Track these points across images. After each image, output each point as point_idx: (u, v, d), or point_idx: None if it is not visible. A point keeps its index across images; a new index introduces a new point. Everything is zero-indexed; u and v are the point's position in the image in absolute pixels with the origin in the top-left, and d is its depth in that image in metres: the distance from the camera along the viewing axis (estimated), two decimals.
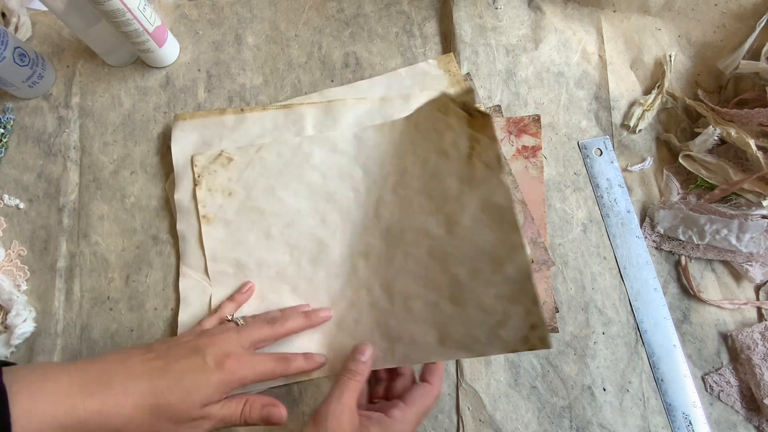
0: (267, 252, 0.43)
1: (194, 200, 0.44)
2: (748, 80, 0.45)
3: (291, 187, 0.44)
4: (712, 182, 0.43)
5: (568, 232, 0.44)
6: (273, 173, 0.44)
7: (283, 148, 0.45)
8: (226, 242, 0.43)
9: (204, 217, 0.43)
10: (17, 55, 0.45)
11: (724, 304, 0.41)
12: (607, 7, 0.49)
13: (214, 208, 0.44)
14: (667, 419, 0.39)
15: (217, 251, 0.43)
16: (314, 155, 0.44)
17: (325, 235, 0.42)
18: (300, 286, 0.42)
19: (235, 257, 0.43)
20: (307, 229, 0.43)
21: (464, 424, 0.40)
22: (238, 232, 0.43)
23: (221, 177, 0.44)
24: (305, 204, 0.43)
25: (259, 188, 0.44)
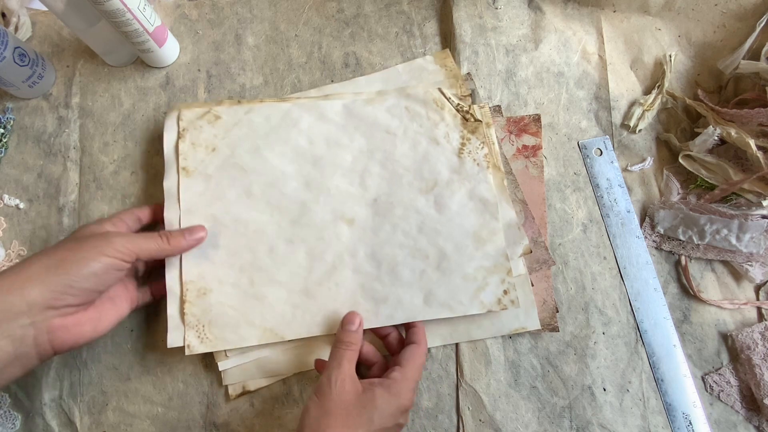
0: (246, 210, 0.42)
1: (176, 152, 0.43)
2: (748, 80, 0.45)
3: (277, 148, 0.44)
4: (712, 182, 0.43)
5: (568, 232, 0.44)
6: (260, 134, 0.44)
7: (273, 111, 0.45)
8: (204, 196, 0.42)
9: (184, 170, 0.43)
10: (17, 55, 0.45)
11: (724, 304, 0.41)
12: (607, 7, 0.49)
13: (195, 162, 0.43)
14: (667, 419, 0.39)
15: (194, 204, 0.42)
16: (303, 121, 0.44)
17: (308, 198, 0.43)
18: (278, 246, 0.42)
19: (212, 212, 0.42)
20: (290, 191, 0.43)
21: (464, 424, 0.40)
22: (218, 188, 0.42)
23: (206, 133, 0.44)
24: (290, 166, 0.43)
25: (244, 147, 0.44)
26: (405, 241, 0.41)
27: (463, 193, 0.42)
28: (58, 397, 0.41)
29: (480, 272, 0.40)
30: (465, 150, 0.43)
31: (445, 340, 0.41)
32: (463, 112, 0.44)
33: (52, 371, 0.42)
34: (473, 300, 0.40)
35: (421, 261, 0.41)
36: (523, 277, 0.41)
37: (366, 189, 0.43)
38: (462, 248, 0.41)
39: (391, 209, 0.42)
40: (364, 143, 0.44)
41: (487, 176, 0.42)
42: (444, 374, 0.41)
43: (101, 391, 0.42)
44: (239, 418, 0.41)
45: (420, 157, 0.43)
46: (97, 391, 0.42)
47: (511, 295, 0.39)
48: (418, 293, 0.40)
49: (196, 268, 0.40)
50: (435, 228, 0.41)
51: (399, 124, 0.44)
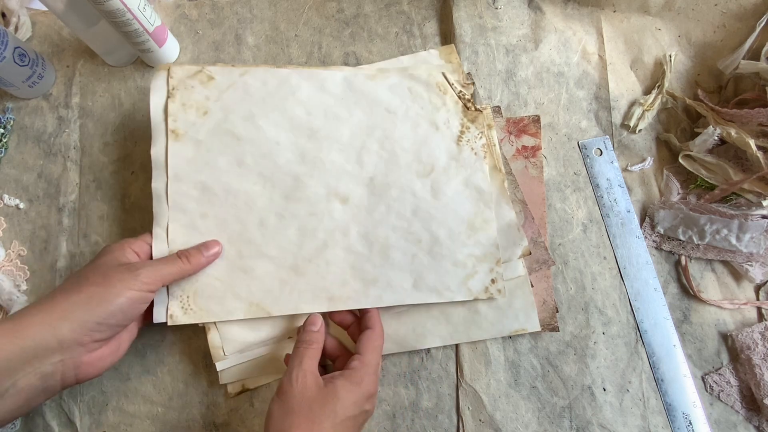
0: (237, 179, 0.41)
1: (165, 114, 0.41)
2: (748, 80, 0.45)
3: (272, 117, 0.42)
4: (712, 182, 0.43)
5: (568, 232, 0.44)
6: (255, 100, 0.42)
7: (270, 76, 0.43)
8: (194, 162, 0.40)
9: (173, 132, 0.40)
10: (17, 55, 0.45)
11: (724, 304, 0.41)
12: (607, 7, 0.49)
13: (185, 124, 0.41)
14: (667, 419, 0.39)
15: (182, 170, 0.40)
16: (301, 89, 0.43)
17: (302, 171, 0.41)
18: (268, 219, 0.40)
19: (201, 180, 0.40)
20: (284, 162, 0.41)
21: (464, 424, 0.40)
22: (208, 154, 0.41)
23: (198, 94, 0.41)
24: (285, 137, 0.42)
25: (238, 112, 0.42)
26: (399, 224, 0.41)
27: (459, 181, 0.42)
28: (58, 397, 0.41)
29: (470, 259, 0.40)
30: (464, 138, 0.43)
31: (444, 341, 0.41)
32: (465, 100, 0.44)
33: None
34: (461, 286, 0.40)
35: (414, 245, 0.40)
36: (522, 279, 0.41)
37: (362, 167, 0.42)
38: (455, 235, 0.41)
39: (387, 190, 0.41)
40: (364, 119, 0.43)
41: (483, 166, 0.42)
42: (444, 374, 0.41)
43: (101, 391, 0.42)
44: (239, 418, 0.41)
45: (419, 140, 0.43)
46: (97, 391, 0.42)
47: (498, 285, 0.40)
48: (408, 277, 0.40)
49: (182, 237, 0.39)
50: (429, 213, 0.41)
51: (400, 104, 0.43)
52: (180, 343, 0.42)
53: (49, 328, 0.31)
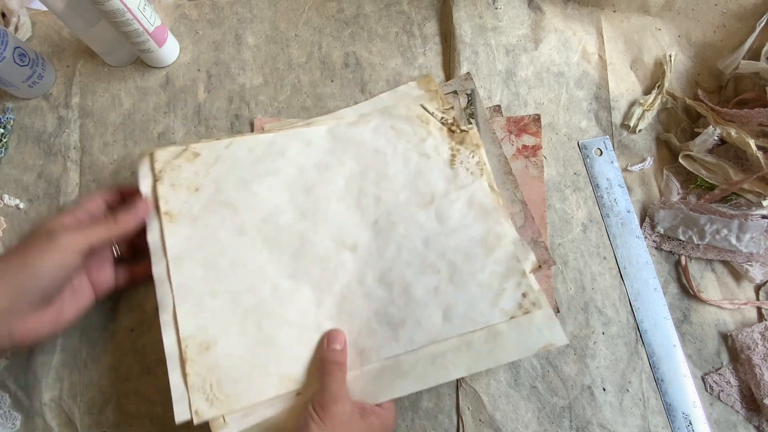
0: (241, 249, 0.39)
1: (155, 198, 0.39)
2: (748, 80, 0.45)
3: (266, 180, 0.41)
4: (712, 182, 0.43)
5: (568, 232, 0.44)
6: (245, 167, 0.41)
7: (255, 143, 0.42)
8: (193, 240, 0.39)
9: (166, 214, 0.39)
10: (17, 55, 0.45)
11: (724, 304, 0.41)
12: (607, 7, 0.49)
13: (177, 204, 0.39)
14: (667, 419, 0.39)
15: (182, 250, 0.38)
16: (289, 149, 0.43)
17: (306, 228, 0.41)
18: (282, 285, 0.39)
19: (204, 257, 0.38)
20: (286, 223, 0.40)
21: (464, 424, 0.40)
22: (207, 229, 0.39)
23: (186, 172, 0.40)
24: (282, 197, 0.41)
25: (230, 182, 0.41)
26: (413, 259, 0.40)
27: (462, 203, 0.41)
28: (58, 397, 0.41)
29: (494, 279, 0.38)
30: (456, 160, 0.43)
31: (469, 369, 0.37)
32: (448, 124, 0.44)
33: (52, 371, 0.42)
34: (493, 308, 0.37)
35: (433, 276, 0.39)
36: (537, 293, 0.39)
37: (364, 211, 0.41)
38: (471, 257, 0.39)
39: (393, 228, 0.41)
40: (355, 165, 0.43)
41: (482, 182, 0.42)
42: None
43: (101, 391, 0.42)
44: None
45: (413, 173, 0.42)
46: (97, 391, 0.42)
47: (530, 297, 0.38)
48: (436, 311, 0.38)
49: (193, 320, 0.37)
50: (440, 240, 0.40)
51: (387, 143, 0.43)
52: None
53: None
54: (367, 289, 0.39)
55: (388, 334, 0.38)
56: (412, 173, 0.43)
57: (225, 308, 0.38)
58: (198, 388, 0.35)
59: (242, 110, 0.48)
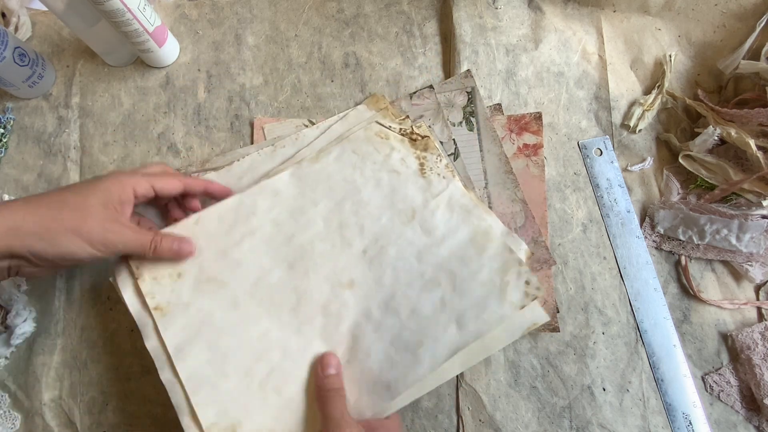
0: (240, 322, 0.38)
1: (140, 297, 0.38)
2: (748, 80, 0.45)
3: (244, 244, 0.40)
4: (712, 182, 0.43)
5: (568, 232, 0.44)
6: (220, 237, 0.40)
7: (223, 210, 0.41)
8: (190, 328, 0.37)
9: (156, 309, 0.38)
10: (17, 55, 0.45)
11: (724, 304, 0.41)
12: (607, 7, 0.49)
13: (164, 296, 0.38)
14: (667, 419, 0.39)
15: (181, 341, 0.37)
16: (258, 206, 0.41)
17: (298, 279, 0.39)
18: (290, 343, 0.38)
19: (206, 340, 0.37)
20: (277, 280, 0.39)
21: (464, 424, 0.40)
22: (200, 313, 0.38)
23: (162, 261, 0.39)
24: (266, 257, 0.40)
25: (210, 258, 0.39)
26: (412, 279, 0.39)
27: (443, 209, 0.41)
28: (58, 397, 0.41)
29: (494, 275, 0.38)
30: (426, 168, 0.42)
31: (464, 365, 0.37)
32: (408, 134, 0.44)
33: (52, 371, 0.42)
34: (503, 303, 0.37)
35: (436, 289, 0.38)
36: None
37: (351, 244, 0.40)
38: (466, 260, 0.39)
39: (384, 253, 0.40)
40: (329, 201, 0.42)
41: (456, 183, 0.42)
42: None
43: (101, 391, 0.42)
44: None
45: (388, 192, 0.42)
46: (97, 391, 0.42)
47: (533, 283, 0.37)
48: (449, 323, 0.37)
49: (212, 408, 0.35)
50: (433, 252, 0.40)
51: (353, 170, 0.43)
52: None
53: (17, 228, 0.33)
54: (375, 323, 0.38)
55: (409, 360, 0.36)
56: (387, 192, 0.42)
57: (240, 386, 0.36)
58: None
59: (242, 110, 0.48)
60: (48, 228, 0.33)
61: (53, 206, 0.34)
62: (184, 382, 0.36)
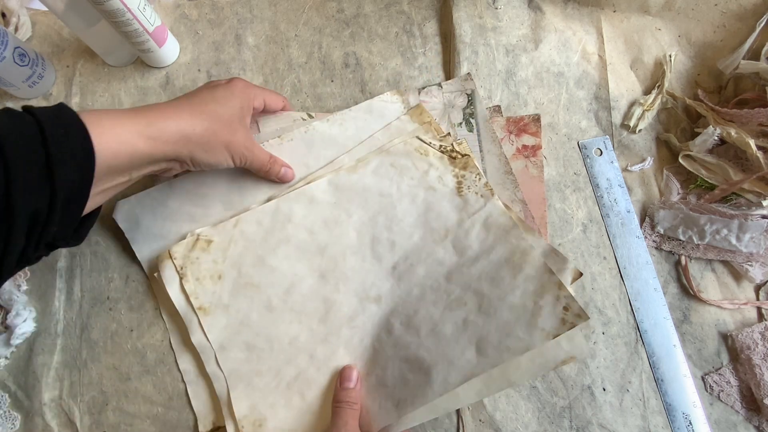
0: (273, 325, 0.40)
1: (186, 297, 0.41)
2: (748, 80, 0.45)
3: (280, 251, 0.42)
4: (712, 182, 0.43)
5: (568, 232, 0.44)
6: (257, 243, 0.42)
7: (261, 215, 0.42)
8: (229, 328, 0.40)
9: (200, 309, 0.41)
10: (17, 55, 0.45)
11: (724, 304, 0.41)
12: (607, 7, 0.49)
13: (207, 297, 0.41)
14: (667, 419, 0.39)
15: (224, 340, 0.40)
16: (294, 213, 0.42)
17: (328, 290, 0.41)
18: (317, 351, 0.40)
19: (243, 340, 0.40)
20: (309, 289, 0.41)
21: (464, 424, 0.40)
22: (239, 314, 0.41)
23: (205, 262, 0.41)
24: (299, 264, 0.41)
25: (247, 263, 0.41)
26: (437, 297, 0.38)
27: (478, 228, 0.40)
28: (58, 397, 0.41)
29: (527, 298, 0.35)
30: (463, 186, 0.42)
31: (480, 394, 0.36)
32: (448, 152, 0.43)
33: (52, 371, 0.42)
34: (532, 330, 0.34)
35: (460, 310, 0.37)
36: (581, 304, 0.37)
37: (381, 260, 0.41)
38: (498, 281, 0.37)
39: (413, 271, 0.40)
40: (363, 213, 0.42)
41: (496, 202, 0.40)
42: None
43: (101, 391, 0.42)
44: None
45: (422, 209, 0.42)
46: (97, 391, 0.42)
47: (574, 309, 0.34)
48: (468, 346, 0.36)
49: (245, 401, 0.39)
50: (463, 272, 0.39)
51: (390, 183, 0.43)
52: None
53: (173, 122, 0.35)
54: (395, 338, 0.38)
55: (421, 380, 0.36)
56: (422, 210, 0.42)
57: (270, 385, 0.39)
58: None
59: None
60: (209, 140, 0.36)
61: (211, 119, 0.36)
62: (227, 377, 0.39)
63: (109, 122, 0.31)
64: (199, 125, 0.35)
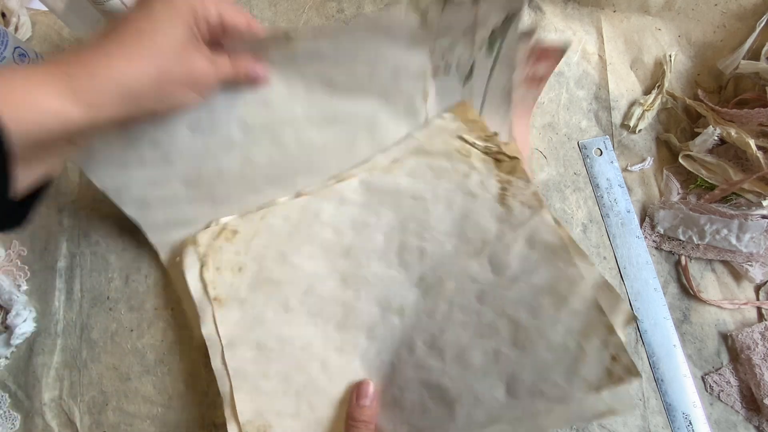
0: (287, 327, 0.37)
1: (203, 285, 0.39)
2: (748, 80, 0.45)
3: (303, 249, 0.39)
4: (712, 182, 0.43)
5: None
6: (282, 238, 0.39)
7: (289, 210, 0.40)
8: (242, 323, 0.38)
9: (216, 300, 0.38)
10: (17, 55, 0.44)
11: (724, 304, 0.41)
12: (607, 7, 0.49)
13: (225, 288, 0.38)
14: (667, 419, 0.39)
15: (235, 336, 0.37)
16: (323, 211, 0.40)
17: (349, 296, 0.38)
18: (330, 359, 0.37)
19: (254, 338, 0.37)
20: (329, 293, 0.38)
21: None
22: (254, 310, 0.38)
23: (228, 252, 0.39)
24: (322, 265, 0.39)
25: (269, 257, 0.39)
26: (467, 319, 0.34)
27: (521, 245, 0.35)
28: (58, 397, 0.41)
29: (570, 338, 0.31)
30: (508, 194, 0.37)
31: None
32: (493, 153, 0.39)
33: (52, 371, 0.42)
34: (572, 377, 0.30)
35: (492, 339, 0.33)
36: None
37: (408, 269, 0.37)
38: (538, 311, 0.33)
39: (442, 284, 0.36)
40: (393, 217, 0.39)
41: (545, 216, 0.35)
42: None
43: (101, 391, 0.42)
44: None
45: (458, 217, 0.37)
46: (97, 391, 0.42)
47: (624, 360, 0.30)
48: (498, 382, 0.32)
49: (250, 404, 0.36)
50: (498, 294, 0.34)
51: (425, 187, 0.39)
52: (180, 343, 0.42)
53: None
54: (417, 359, 0.35)
55: (442, 413, 0.33)
56: (458, 217, 0.37)
57: (277, 390, 0.36)
58: None
59: None
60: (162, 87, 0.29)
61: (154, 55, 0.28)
62: (231, 376, 0.36)
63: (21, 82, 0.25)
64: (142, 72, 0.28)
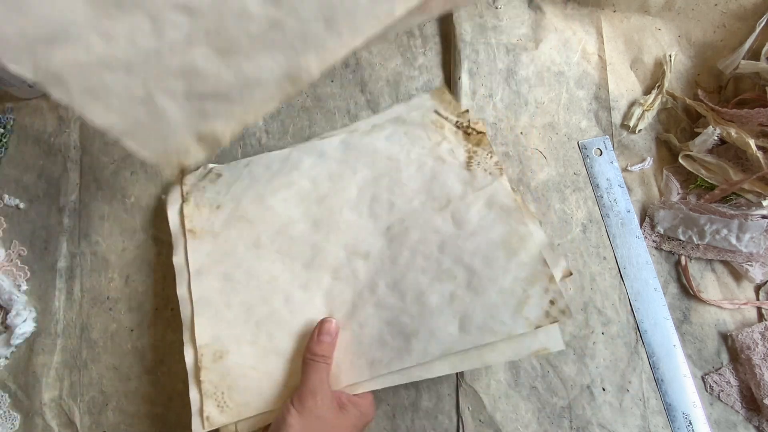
0: (256, 261, 0.40)
1: (181, 217, 0.42)
2: (748, 80, 0.45)
3: (280, 194, 0.42)
4: (712, 182, 0.43)
5: (567, 233, 0.44)
6: (262, 183, 0.43)
7: (272, 159, 0.44)
8: (213, 255, 0.40)
9: (190, 232, 0.41)
10: None
11: (724, 304, 0.41)
12: (607, 7, 0.49)
13: (200, 222, 0.42)
14: (667, 419, 0.39)
15: (203, 265, 0.40)
16: (303, 162, 0.43)
17: (318, 238, 0.41)
18: (293, 294, 0.39)
19: (222, 270, 0.40)
20: (299, 234, 0.41)
21: (464, 424, 0.40)
22: (226, 244, 0.41)
23: (209, 192, 0.43)
24: (296, 210, 0.42)
25: (247, 198, 0.42)
26: (427, 265, 0.38)
27: (480, 204, 0.40)
28: (58, 397, 0.41)
29: (518, 284, 0.36)
30: (474, 162, 0.42)
31: (454, 367, 0.36)
32: (464, 127, 0.43)
33: (52, 371, 0.42)
34: (516, 317, 0.35)
35: (449, 283, 0.37)
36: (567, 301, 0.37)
37: (377, 219, 0.41)
38: (492, 261, 0.37)
39: (407, 234, 0.40)
40: (368, 173, 0.43)
41: (503, 182, 0.40)
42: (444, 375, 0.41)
43: (101, 391, 0.42)
44: None
45: (428, 177, 0.42)
46: (97, 391, 0.42)
47: (559, 305, 0.35)
48: (452, 320, 0.36)
49: (209, 330, 0.38)
50: (457, 245, 0.38)
51: (400, 149, 0.43)
52: (180, 343, 0.42)
53: None
54: (378, 298, 0.38)
55: (400, 345, 0.36)
56: (427, 178, 0.42)
57: (239, 319, 0.39)
58: (210, 395, 0.36)
59: None
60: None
61: None
62: (194, 302, 0.39)
63: None
64: None
